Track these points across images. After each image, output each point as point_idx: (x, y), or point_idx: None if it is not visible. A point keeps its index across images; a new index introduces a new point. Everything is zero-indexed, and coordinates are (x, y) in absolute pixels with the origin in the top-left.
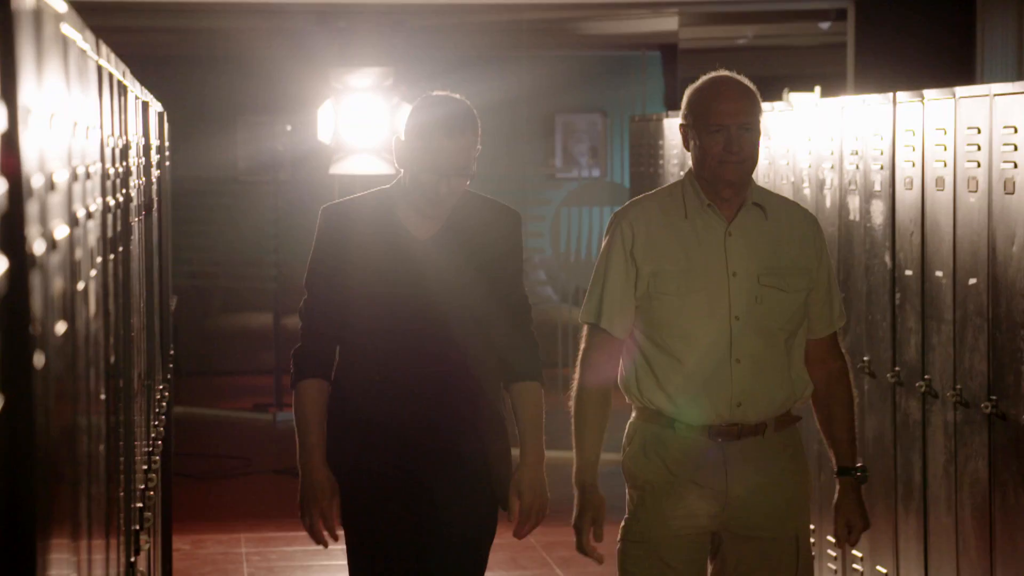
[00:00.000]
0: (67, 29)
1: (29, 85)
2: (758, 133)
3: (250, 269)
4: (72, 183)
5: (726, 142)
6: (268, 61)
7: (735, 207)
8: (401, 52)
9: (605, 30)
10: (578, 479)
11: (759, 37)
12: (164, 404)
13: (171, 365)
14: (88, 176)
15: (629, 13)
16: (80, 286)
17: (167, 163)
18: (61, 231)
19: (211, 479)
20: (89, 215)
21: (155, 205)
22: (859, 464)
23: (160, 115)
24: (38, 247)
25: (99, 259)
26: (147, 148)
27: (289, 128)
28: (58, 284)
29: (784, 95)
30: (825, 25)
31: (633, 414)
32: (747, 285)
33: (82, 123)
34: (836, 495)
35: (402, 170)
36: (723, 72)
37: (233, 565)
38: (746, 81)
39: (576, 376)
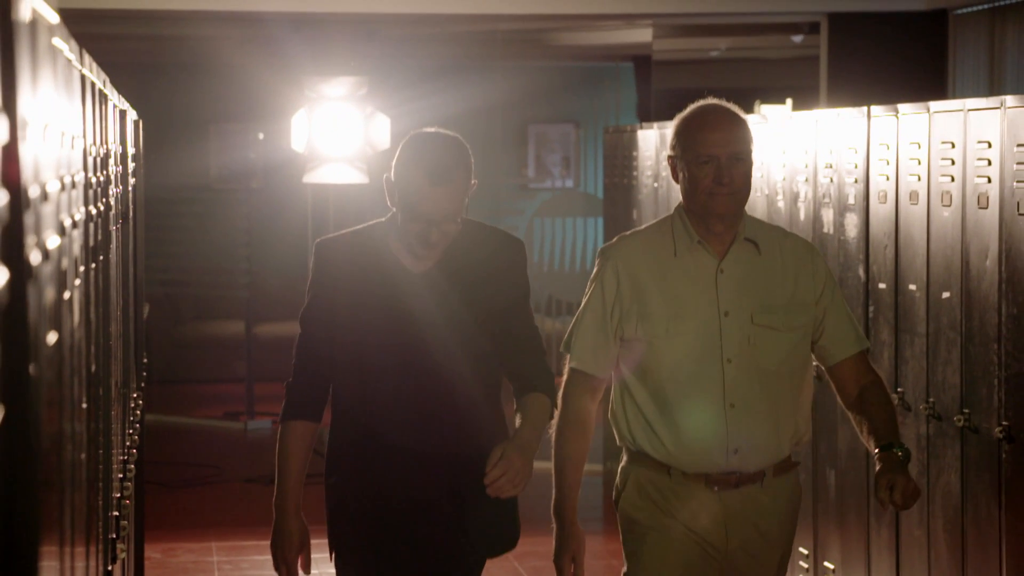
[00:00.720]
0: (56, 40)
1: (27, 97)
2: (750, 163)
3: (222, 277)
4: (60, 193)
5: (716, 173)
6: (241, 69)
7: (727, 243)
8: (375, 61)
9: (580, 41)
10: (557, 514)
11: (731, 49)
12: (138, 412)
13: (144, 373)
14: (74, 185)
15: (603, 25)
16: (66, 295)
17: (141, 171)
18: (53, 241)
19: (182, 487)
20: (74, 224)
21: (131, 213)
22: (901, 443)
23: (136, 123)
24: (34, 257)
25: (82, 268)
26: (124, 156)
27: (261, 136)
28: (50, 294)
29: (756, 107)
30: (798, 38)
31: (624, 457)
32: (739, 325)
33: (68, 133)
34: (877, 468)
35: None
36: (712, 100)
37: (204, 574)
38: (736, 109)
39: (557, 411)
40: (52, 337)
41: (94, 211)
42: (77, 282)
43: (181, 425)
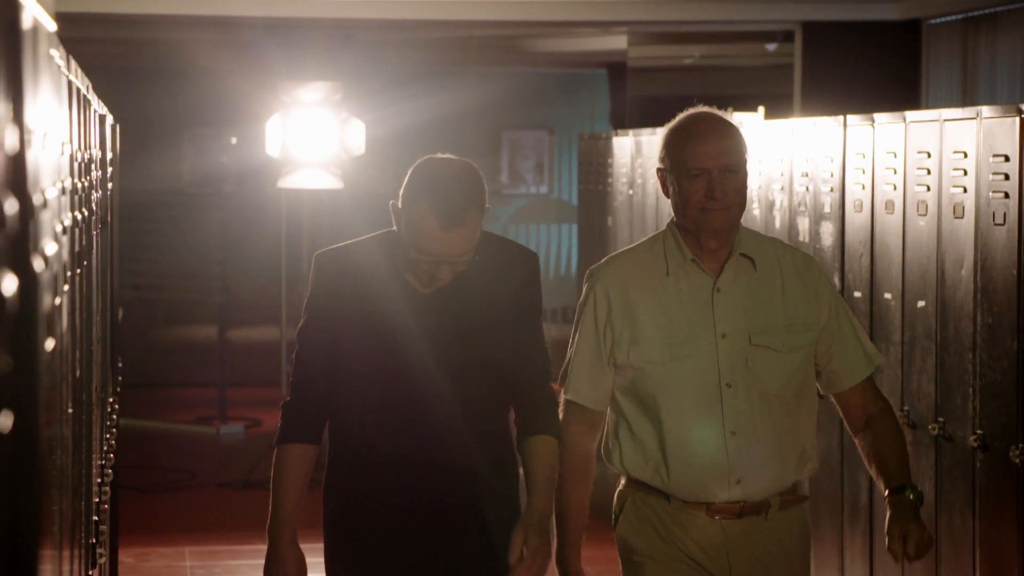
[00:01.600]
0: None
1: (32, 106)
2: (744, 175)
3: (195, 281)
4: (54, 200)
5: (708, 187)
6: (215, 73)
7: (721, 259)
8: (350, 66)
9: (554, 48)
10: (561, 564)
11: (705, 57)
12: (114, 417)
13: (120, 378)
14: (63, 192)
15: (578, 32)
16: (57, 301)
17: (117, 176)
18: (51, 248)
19: (155, 492)
20: (64, 231)
21: (109, 218)
22: (912, 484)
23: (113, 128)
24: (37, 265)
25: (68, 274)
26: (103, 161)
27: (234, 141)
28: (48, 300)
29: (727, 115)
30: (771, 46)
31: (622, 481)
32: (738, 347)
33: (59, 139)
34: (888, 514)
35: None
36: (702, 109)
37: None
38: (728, 117)
39: (559, 477)
40: (50, 344)
41: (79, 217)
42: (66, 288)
43: (153, 429)
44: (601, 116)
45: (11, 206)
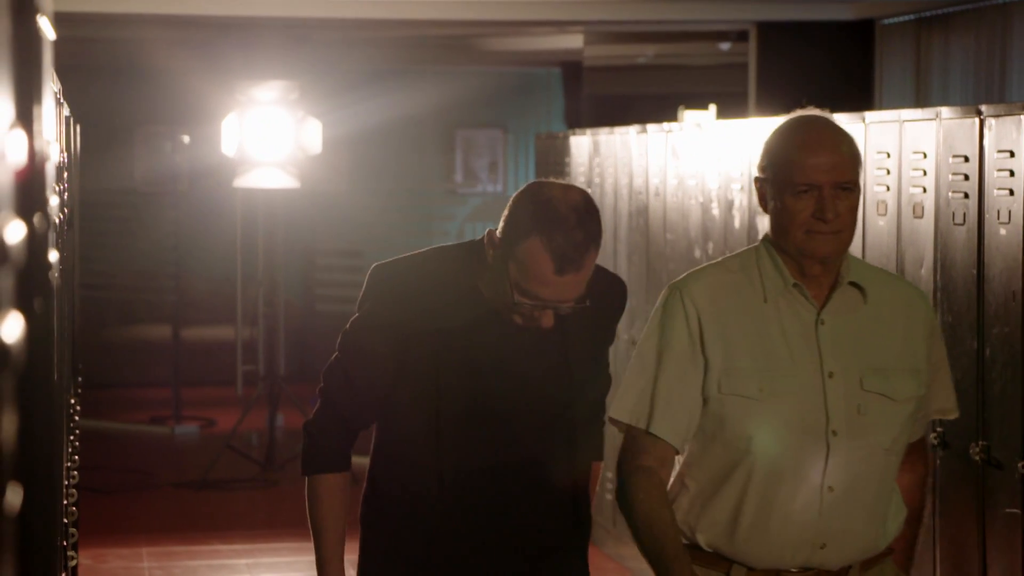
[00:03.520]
0: None
1: (47, 119)
2: (858, 194)
3: (149, 281)
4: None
5: (817, 207)
6: (170, 71)
7: (826, 287)
8: (306, 65)
9: (510, 47)
10: None
11: (659, 56)
12: (76, 419)
13: (80, 379)
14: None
15: (534, 31)
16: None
17: (77, 176)
18: (54, 256)
19: (111, 493)
20: None
21: (73, 219)
22: None
23: (75, 128)
24: (51, 276)
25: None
26: (70, 163)
27: (187, 139)
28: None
29: (679, 113)
30: (725, 46)
31: None
32: (847, 390)
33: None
34: None
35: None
36: (813, 112)
37: None
38: (838, 125)
39: (629, 513)
40: None
41: (56, 221)
42: None
43: (108, 430)
44: (556, 115)
45: (39, 221)
